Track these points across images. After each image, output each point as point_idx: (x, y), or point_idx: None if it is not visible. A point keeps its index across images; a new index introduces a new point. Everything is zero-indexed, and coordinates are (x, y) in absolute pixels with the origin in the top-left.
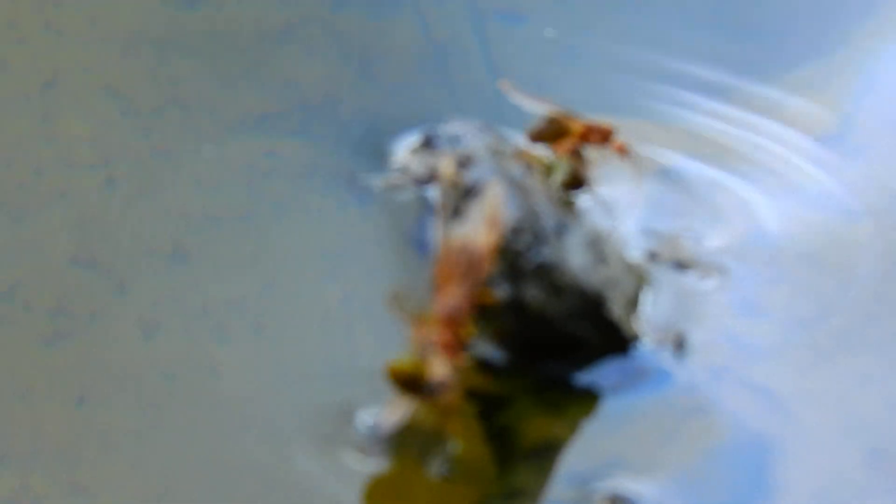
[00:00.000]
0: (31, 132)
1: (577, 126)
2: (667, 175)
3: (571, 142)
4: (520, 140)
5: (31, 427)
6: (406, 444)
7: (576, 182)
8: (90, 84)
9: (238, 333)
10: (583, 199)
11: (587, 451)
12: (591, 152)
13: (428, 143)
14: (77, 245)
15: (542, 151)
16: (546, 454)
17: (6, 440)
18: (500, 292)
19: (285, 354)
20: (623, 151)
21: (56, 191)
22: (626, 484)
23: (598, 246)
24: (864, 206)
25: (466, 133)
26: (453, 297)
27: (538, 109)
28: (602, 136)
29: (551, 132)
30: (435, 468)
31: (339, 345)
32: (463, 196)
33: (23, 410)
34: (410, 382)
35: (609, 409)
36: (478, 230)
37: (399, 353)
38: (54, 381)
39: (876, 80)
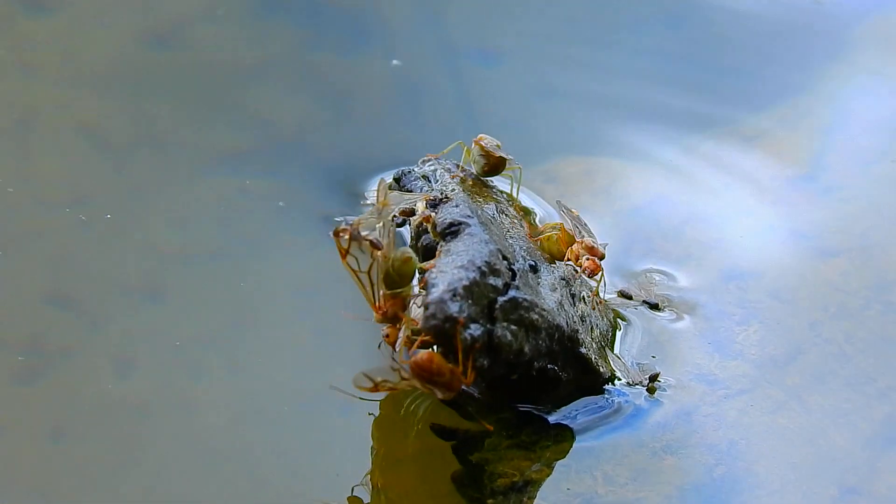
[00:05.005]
0: (5, 169)
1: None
2: (639, 214)
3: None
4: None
5: (5, 463)
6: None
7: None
8: (64, 122)
9: (212, 369)
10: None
11: (561, 488)
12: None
13: (401, 182)
14: (51, 282)
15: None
16: (520, 491)
17: None
18: (475, 330)
19: (259, 389)
20: (594, 271)
21: (30, 228)
22: None
23: (571, 285)
24: (835, 245)
25: (440, 172)
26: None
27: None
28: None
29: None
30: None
31: (312, 380)
32: (440, 236)
33: None
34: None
35: (583, 447)
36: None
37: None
38: (29, 418)
39: (844, 122)
